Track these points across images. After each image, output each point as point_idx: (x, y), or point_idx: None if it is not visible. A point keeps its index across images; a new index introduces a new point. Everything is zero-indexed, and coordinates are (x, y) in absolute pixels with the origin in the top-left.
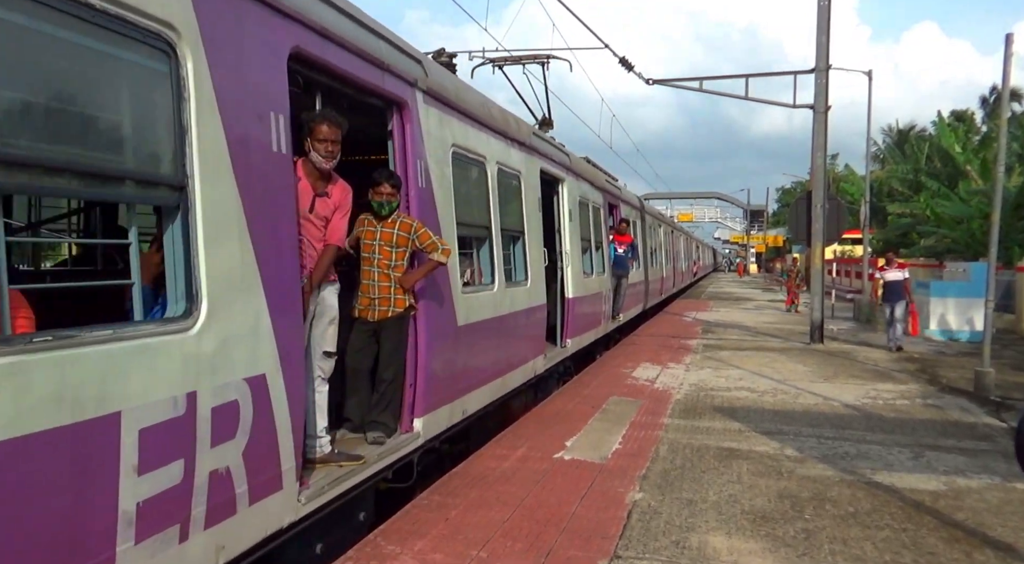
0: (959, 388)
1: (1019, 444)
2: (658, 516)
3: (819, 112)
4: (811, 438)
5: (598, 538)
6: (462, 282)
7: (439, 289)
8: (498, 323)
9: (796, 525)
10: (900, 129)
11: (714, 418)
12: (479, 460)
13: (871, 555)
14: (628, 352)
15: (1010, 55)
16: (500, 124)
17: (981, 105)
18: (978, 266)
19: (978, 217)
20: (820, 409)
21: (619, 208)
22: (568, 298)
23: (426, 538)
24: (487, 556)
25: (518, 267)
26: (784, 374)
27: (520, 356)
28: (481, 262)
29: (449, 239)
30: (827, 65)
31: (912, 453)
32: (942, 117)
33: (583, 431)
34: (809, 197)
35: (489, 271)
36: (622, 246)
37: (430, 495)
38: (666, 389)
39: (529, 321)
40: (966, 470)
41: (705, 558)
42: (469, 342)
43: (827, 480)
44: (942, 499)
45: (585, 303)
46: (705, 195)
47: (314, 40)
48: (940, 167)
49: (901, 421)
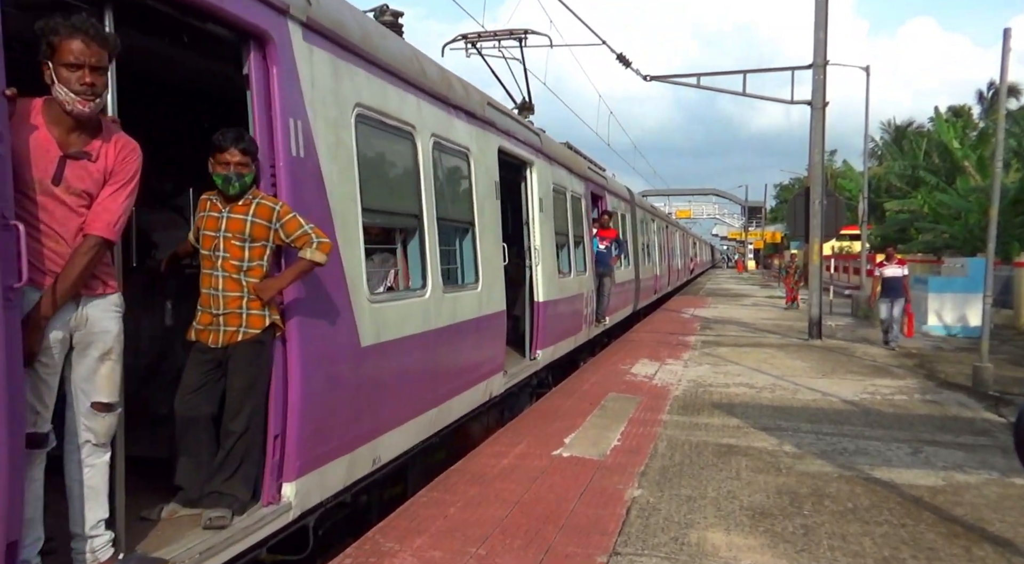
0: (957, 383)
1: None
2: (657, 513)
3: (817, 108)
4: (809, 434)
5: (597, 535)
6: (382, 287)
7: (326, 298)
8: (431, 339)
9: (795, 521)
10: (898, 125)
11: (713, 414)
12: (477, 457)
13: (870, 551)
14: (626, 349)
15: (1008, 50)
16: (438, 86)
17: (978, 101)
18: (976, 261)
19: (976, 212)
20: (818, 405)
21: (605, 199)
22: (538, 302)
23: (425, 535)
24: (486, 553)
25: (466, 267)
26: (782, 370)
27: (467, 377)
28: (409, 261)
29: (349, 229)
30: (824, 61)
31: (911, 449)
32: (939, 113)
33: (582, 428)
34: (807, 193)
35: (419, 272)
36: (605, 241)
37: (429, 492)
38: (664, 385)
39: (481, 333)
40: (964, 465)
41: (704, 554)
42: (382, 367)
43: (826, 476)
44: (941, 494)
45: (560, 307)
46: (703, 192)
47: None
48: (938, 163)
49: (899, 417)
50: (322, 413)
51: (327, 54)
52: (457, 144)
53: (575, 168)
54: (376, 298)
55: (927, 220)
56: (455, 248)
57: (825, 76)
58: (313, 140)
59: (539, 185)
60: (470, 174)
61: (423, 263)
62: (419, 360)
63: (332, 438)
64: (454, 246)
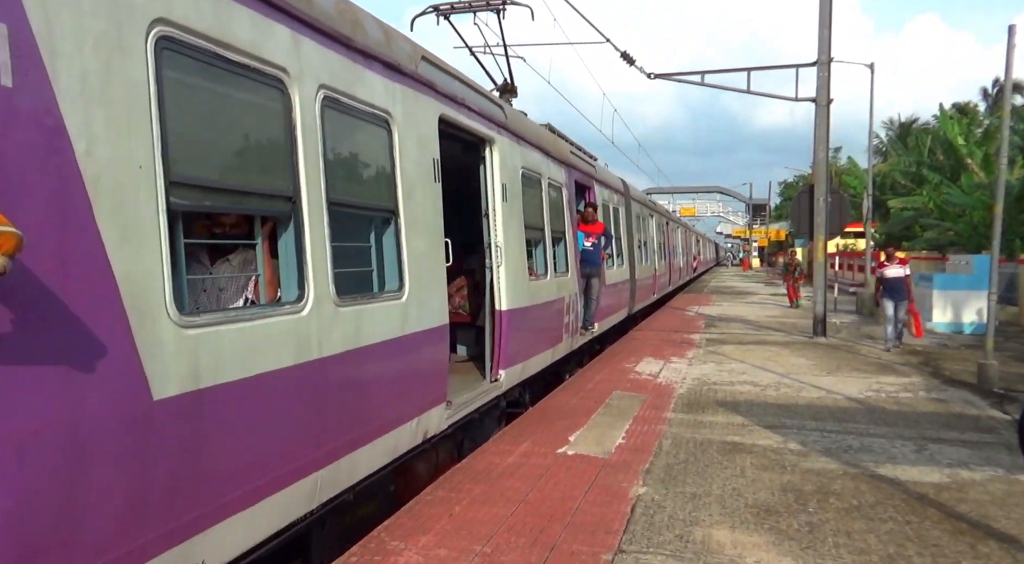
0: (962, 381)
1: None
2: (662, 510)
3: (821, 105)
4: (814, 431)
5: (602, 533)
6: (241, 300)
7: (72, 326)
8: (311, 374)
9: (800, 518)
10: (902, 122)
11: (717, 412)
12: (483, 456)
13: (875, 548)
14: (631, 347)
15: (1013, 46)
16: (333, 21)
17: (983, 97)
18: (981, 258)
19: (980, 209)
20: (823, 402)
21: (593, 190)
22: (501, 311)
23: (430, 533)
24: (491, 551)
25: (386, 270)
26: (787, 368)
27: (384, 418)
28: (281, 263)
29: (128, 212)
30: (829, 58)
31: (915, 446)
32: (944, 109)
33: (586, 426)
34: (812, 191)
35: (294, 278)
36: (591, 237)
37: (434, 491)
38: (669, 384)
39: (407, 357)
40: (969, 462)
41: (709, 552)
42: (201, 428)
43: (830, 473)
44: (946, 491)
45: (532, 316)
46: (707, 189)
47: None
48: (943, 160)
49: (904, 414)
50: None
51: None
52: (368, 104)
53: (554, 152)
54: (196, 321)
55: (932, 217)
56: (365, 245)
57: (829, 73)
58: (41, 59)
59: (502, 168)
60: (391, 146)
61: (300, 265)
62: (285, 407)
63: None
64: (363, 242)
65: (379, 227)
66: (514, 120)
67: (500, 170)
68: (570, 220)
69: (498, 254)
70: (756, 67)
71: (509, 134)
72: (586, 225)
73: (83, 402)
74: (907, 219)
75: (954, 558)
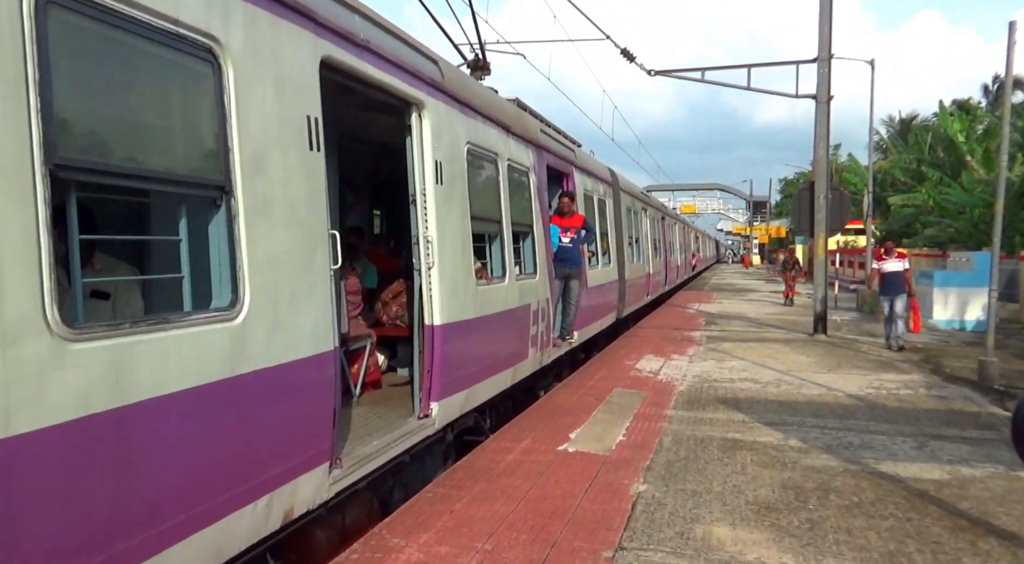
0: (963, 377)
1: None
2: (663, 507)
3: (821, 102)
4: (815, 428)
5: (603, 530)
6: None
7: None
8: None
9: (800, 515)
10: (903, 118)
11: (718, 409)
12: (483, 453)
13: (875, 544)
14: (631, 344)
15: (1013, 43)
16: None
17: (984, 94)
18: (982, 255)
19: (980, 206)
20: (824, 399)
21: (572, 178)
22: (432, 327)
23: (431, 531)
24: (492, 548)
25: (213, 278)
26: (787, 365)
27: (223, 499)
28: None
29: None
30: (829, 54)
31: (916, 443)
32: (944, 107)
33: (587, 423)
34: (812, 188)
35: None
36: (569, 232)
37: (435, 488)
38: (670, 381)
39: (242, 408)
40: (970, 459)
41: (710, 549)
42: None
43: (831, 470)
44: (946, 488)
45: (480, 330)
46: (708, 187)
47: None
48: (943, 157)
49: (905, 411)
50: None
51: None
52: (163, 16)
53: (517, 128)
54: None
55: (932, 214)
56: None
57: (830, 70)
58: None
59: (435, 141)
60: (221, 90)
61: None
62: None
63: None
64: (142, 232)
65: (193, 217)
66: (455, 82)
67: (433, 144)
68: (540, 212)
69: (428, 252)
70: (757, 64)
71: (447, 98)
72: (562, 218)
73: None
74: (908, 216)
75: (954, 555)
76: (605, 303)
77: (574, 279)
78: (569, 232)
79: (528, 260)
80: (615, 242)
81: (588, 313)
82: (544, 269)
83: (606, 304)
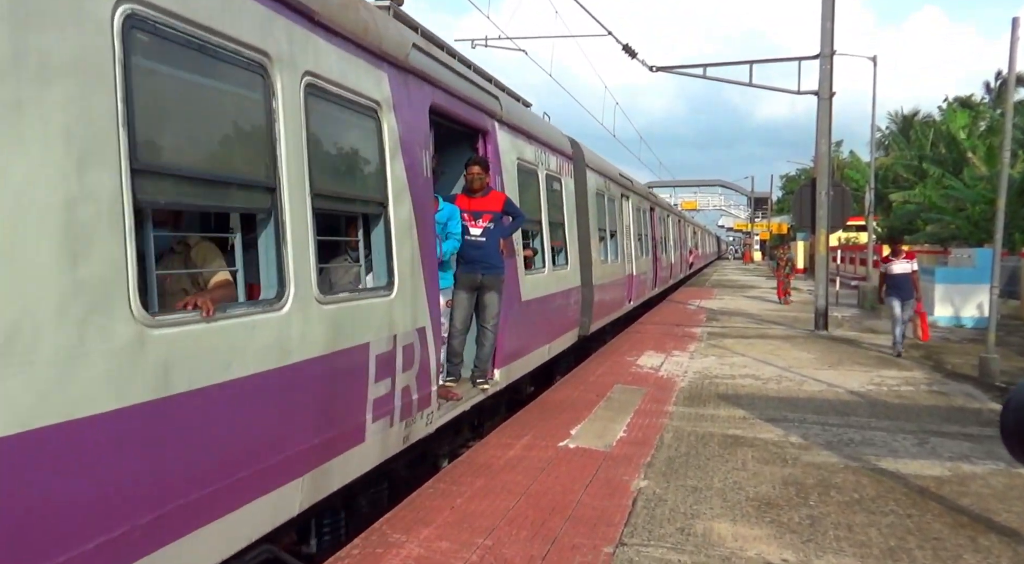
0: (964, 374)
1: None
2: (663, 503)
3: (823, 98)
4: (816, 425)
5: (603, 525)
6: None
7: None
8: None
9: (801, 511)
10: (905, 115)
11: (719, 406)
12: (484, 449)
13: (876, 541)
14: (632, 341)
15: (1016, 39)
16: None
17: (985, 91)
18: (983, 252)
19: (981, 203)
20: (825, 396)
21: (491, 137)
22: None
23: (432, 526)
24: (492, 544)
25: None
26: (788, 361)
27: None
28: None
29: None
30: (831, 51)
31: (917, 439)
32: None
33: (588, 419)
34: (814, 184)
35: None
36: (482, 220)
37: (435, 483)
38: (670, 377)
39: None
40: (971, 456)
41: (710, 544)
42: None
43: (832, 467)
44: (947, 485)
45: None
46: (709, 183)
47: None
48: (945, 153)
49: (906, 407)
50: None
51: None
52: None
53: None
54: None
55: (934, 211)
56: None
57: (832, 66)
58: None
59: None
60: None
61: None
62: None
63: None
64: None
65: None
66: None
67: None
68: (410, 182)
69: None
70: (758, 60)
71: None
72: (471, 198)
73: None
74: (909, 213)
75: (955, 551)
76: (558, 320)
77: (491, 291)
78: (482, 219)
79: (381, 271)
80: (576, 236)
81: (525, 337)
82: (410, 282)
83: (560, 321)
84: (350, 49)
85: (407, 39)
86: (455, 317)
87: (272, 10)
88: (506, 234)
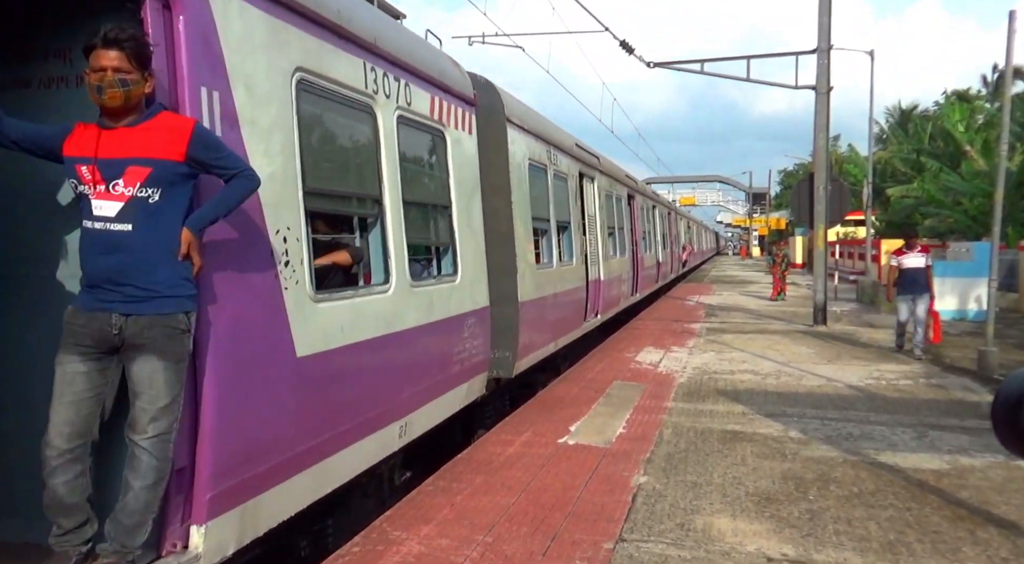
0: (962, 368)
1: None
2: (663, 499)
3: (821, 93)
4: (815, 420)
5: (603, 521)
6: None
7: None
8: None
9: (800, 506)
10: (903, 109)
11: (718, 401)
12: (484, 446)
13: (875, 534)
14: (631, 337)
15: (1013, 32)
16: None
17: (983, 84)
18: (981, 246)
19: (979, 196)
20: (824, 391)
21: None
22: None
23: (432, 523)
24: (493, 541)
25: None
26: (787, 356)
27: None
28: None
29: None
30: (829, 45)
31: (916, 433)
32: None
33: (587, 416)
34: (812, 179)
35: None
36: (123, 183)
37: (436, 481)
38: (670, 373)
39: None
40: (969, 449)
41: (710, 540)
42: None
43: (831, 461)
44: (946, 478)
45: None
46: (707, 179)
47: None
48: (942, 147)
49: (904, 401)
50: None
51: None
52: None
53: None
54: None
55: (932, 205)
56: None
57: (829, 61)
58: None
59: None
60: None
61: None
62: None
63: None
64: None
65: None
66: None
67: None
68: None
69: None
70: (756, 55)
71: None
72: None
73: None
74: (908, 207)
75: (954, 544)
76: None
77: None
78: (123, 180)
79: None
80: (477, 228)
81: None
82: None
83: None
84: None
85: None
86: (56, 421)
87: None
88: (206, 218)
